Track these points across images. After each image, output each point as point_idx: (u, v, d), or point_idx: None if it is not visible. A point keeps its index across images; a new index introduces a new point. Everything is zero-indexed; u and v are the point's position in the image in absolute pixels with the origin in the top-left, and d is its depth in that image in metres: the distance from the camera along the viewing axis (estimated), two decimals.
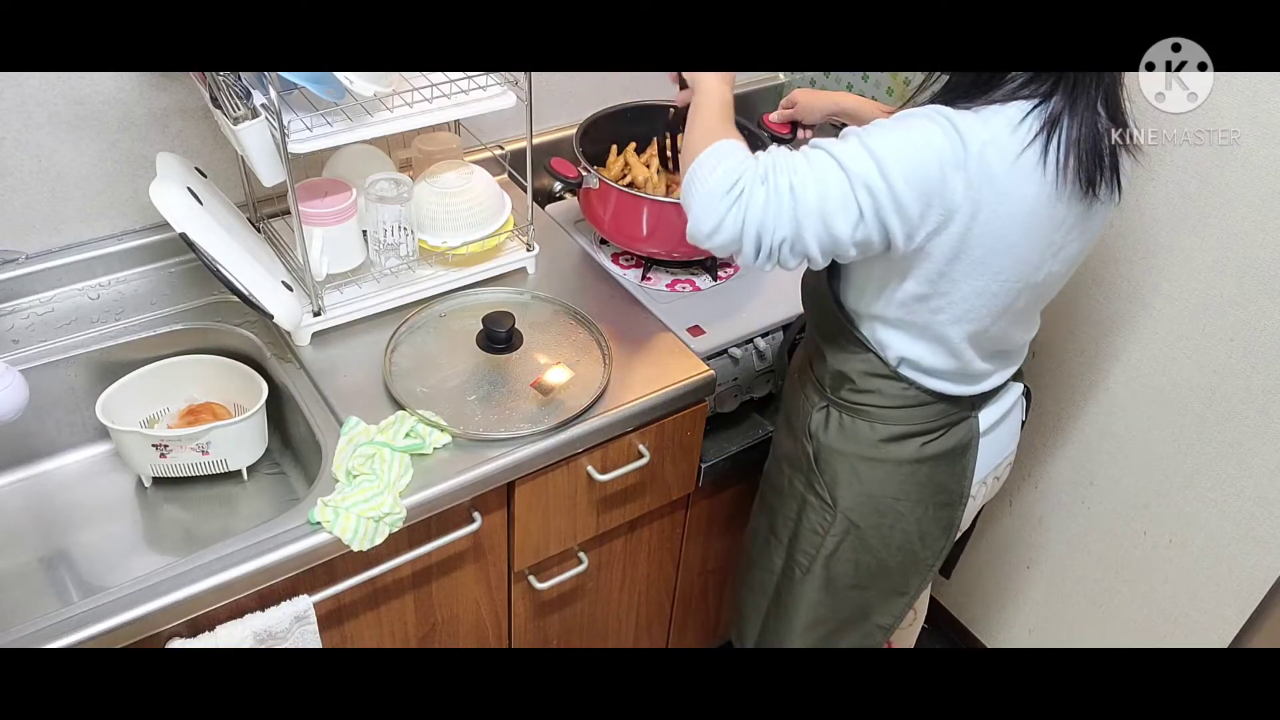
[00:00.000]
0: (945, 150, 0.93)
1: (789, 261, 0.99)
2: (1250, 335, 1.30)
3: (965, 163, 0.93)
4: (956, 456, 1.18)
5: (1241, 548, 1.41)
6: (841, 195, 0.95)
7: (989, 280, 1.01)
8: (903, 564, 1.24)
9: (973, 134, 0.93)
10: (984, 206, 0.95)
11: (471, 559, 1.26)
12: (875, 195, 0.94)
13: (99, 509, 1.25)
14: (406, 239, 1.30)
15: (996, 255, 0.99)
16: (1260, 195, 1.23)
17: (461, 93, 1.22)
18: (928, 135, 0.93)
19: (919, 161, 0.93)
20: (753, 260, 0.99)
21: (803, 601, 1.28)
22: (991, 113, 0.94)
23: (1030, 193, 0.95)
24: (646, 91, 1.71)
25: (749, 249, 0.98)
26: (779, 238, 0.96)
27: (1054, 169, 0.94)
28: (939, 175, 0.93)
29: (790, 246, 0.97)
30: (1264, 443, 1.33)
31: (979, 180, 0.93)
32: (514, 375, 1.26)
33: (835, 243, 0.97)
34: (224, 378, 1.30)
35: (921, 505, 1.19)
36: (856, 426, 1.16)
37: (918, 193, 0.94)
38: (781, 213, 0.95)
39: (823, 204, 0.95)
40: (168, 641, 1.01)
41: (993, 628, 1.91)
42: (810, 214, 0.95)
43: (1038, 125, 0.94)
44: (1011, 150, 0.93)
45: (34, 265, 1.29)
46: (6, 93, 1.19)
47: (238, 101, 1.10)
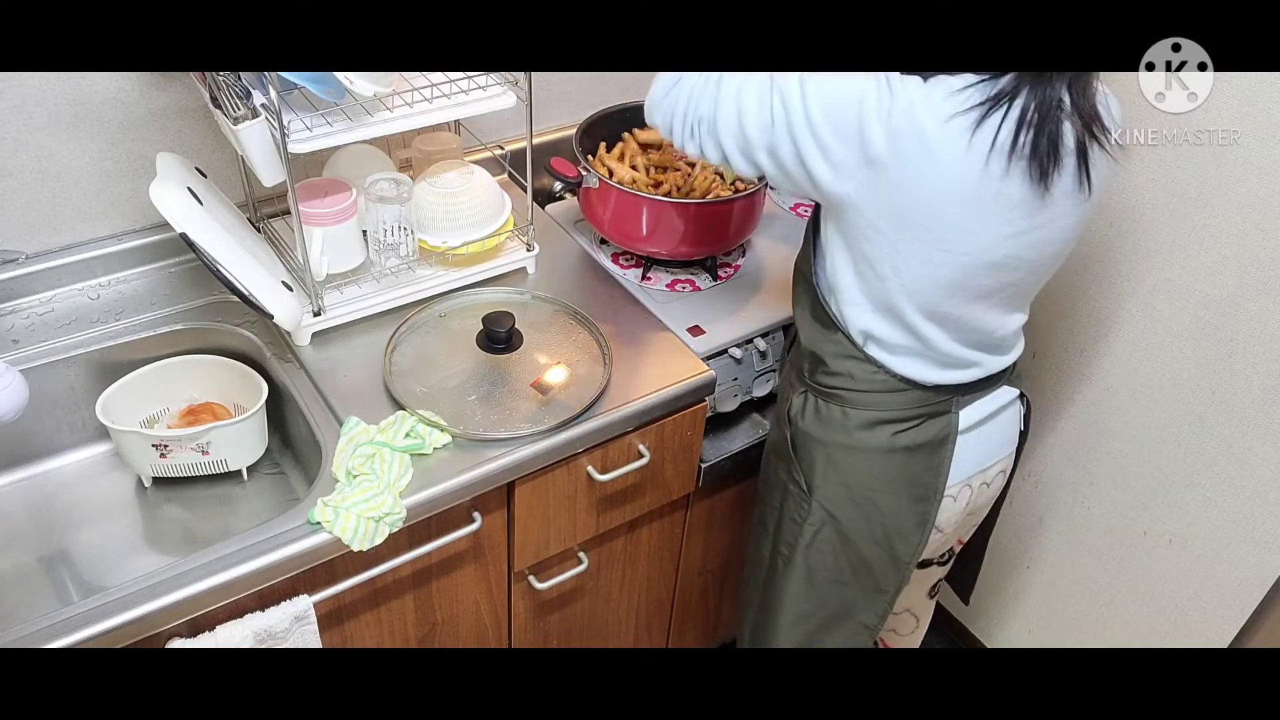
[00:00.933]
0: (870, 96, 0.96)
1: (709, 150, 1.06)
2: (1250, 335, 1.30)
3: (889, 112, 0.95)
4: (932, 450, 1.18)
5: (1241, 548, 1.41)
6: (759, 95, 1.00)
7: (931, 249, 1.02)
8: (881, 559, 1.24)
9: (903, 90, 0.96)
10: (910, 164, 0.97)
11: (471, 559, 1.26)
12: (789, 109, 0.99)
13: (99, 509, 1.25)
14: (406, 239, 1.30)
15: (935, 223, 1.00)
16: (1260, 195, 1.23)
17: (461, 93, 1.22)
18: (857, 80, 0.97)
19: (840, 95, 0.97)
20: (677, 140, 1.09)
21: (786, 595, 1.29)
22: (937, 80, 0.97)
23: (961, 159, 0.96)
24: (646, 91, 1.71)
25: (677, 126, 1.08)
26: (696, 116, 1.05)
27: (988, 143, 0.95)
28: (857, 115, 0.96)
29: (707, 129, 1.05)
30: (1264, 443, 1.33)
31: (904, 132, 0.95)
32: (514, 375, 1.26)
33: (747, 142, 1.03)
34: (224, 378, 1.30)
35: (896, 497, 1.20)
36: (831, 412, 1.18)
37: (832, 125, 0.98)
38: (704, 96, 1.04)
39: (740, 97, 1.01)
40: (168, 641, 1.01)
41: (993, 628, 1.91)
42: (728, 102, 1.02)
43: (978, 97, 0.95)
44: (943, 112, 0.95)
45: (34, 265, 1.29)
46: (6, 93, 1.19)
47: (238, 101, 1.10)
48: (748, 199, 1.44)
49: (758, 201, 1.47)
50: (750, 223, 1.49)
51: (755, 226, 1.51)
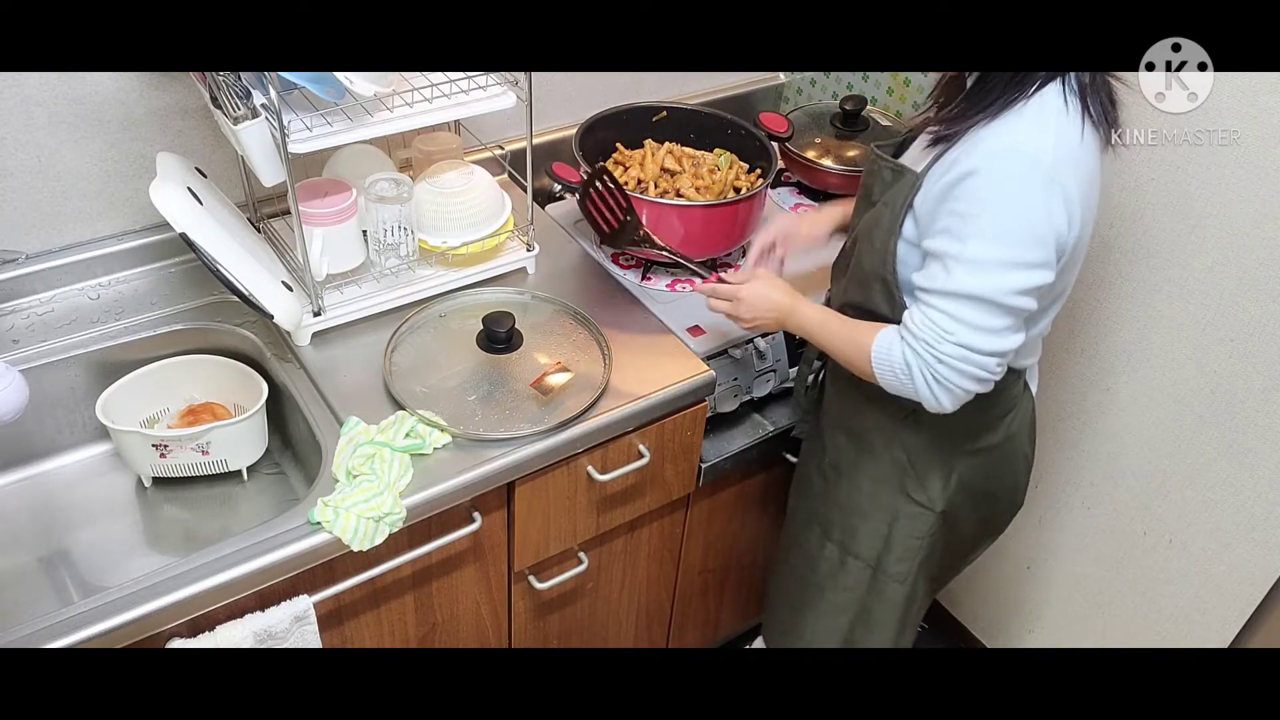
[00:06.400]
0: (1033, 189, 0.98)
1: (1003, 369, 1.07)
2: (1250, 335, 1.30)
3: (1052, 180, 0.98)
4: (1031, 423, 1.27)
5: (1241, 548, 1.41)
6: (988, 322, 1.02)
7: (1081, 254, 1.09)
8: (998, 519, 1.34)
9: (1041, 150, 0.97)
10: (1075, 197, 1.00)
11: (471, 559, 1.26)
12: (1017, 293, 1.01)
13: (99, 509, 1.25)
14: (406, 239, 1.30)
15: (1088, 226, 1.05)
16: (1260, 195, 1.23)
17: (461, 93, 1.22)
18: (1018, 197, 0.98)
19: (1023, 229, 0.99)
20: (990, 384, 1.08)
21: (897, 609, 1.31)
22: (1034, 111, 0.99)
23: (1092, 151, 1.02)
24: (646, 92, 1.72)
25: (971, 393, 1.08)
26: (987, 372, 1.04)
27: (1096, 128, 1.01)
28: (1045, 218, 0.98)
29: (998, 363, 1.05)
30: (1264, 443, 1.33)
31: (1066, 179, 0.98)
32: (514, 375, 1.26)
33: (1016, 331, 1.04)
34: (224, 378, 1.30)
35: (1013, 475, 1.28)
36: (945, 422, 1.15)
37: (1041, 249, 1.00)
38: (966, 369, 1.04)
39: (983, 340, 1.02)
40: (168, 641, 1.01)
41: (993, 628, 1.91)
42: (978, 351, 1.03)
43: (1075, 99, 0.99)
44: (1073, 135, 0.99)
45: (34, 265, 1.29)
46: (6, 93, 1.19)
47: (238, 101, 1.10)
48: (747, 201, 1.44)
49: (757, 203, 1.47)
50: (750, 224, 1.49)
51: (755, 228, 1.51)
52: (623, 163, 1.54)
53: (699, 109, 1.61)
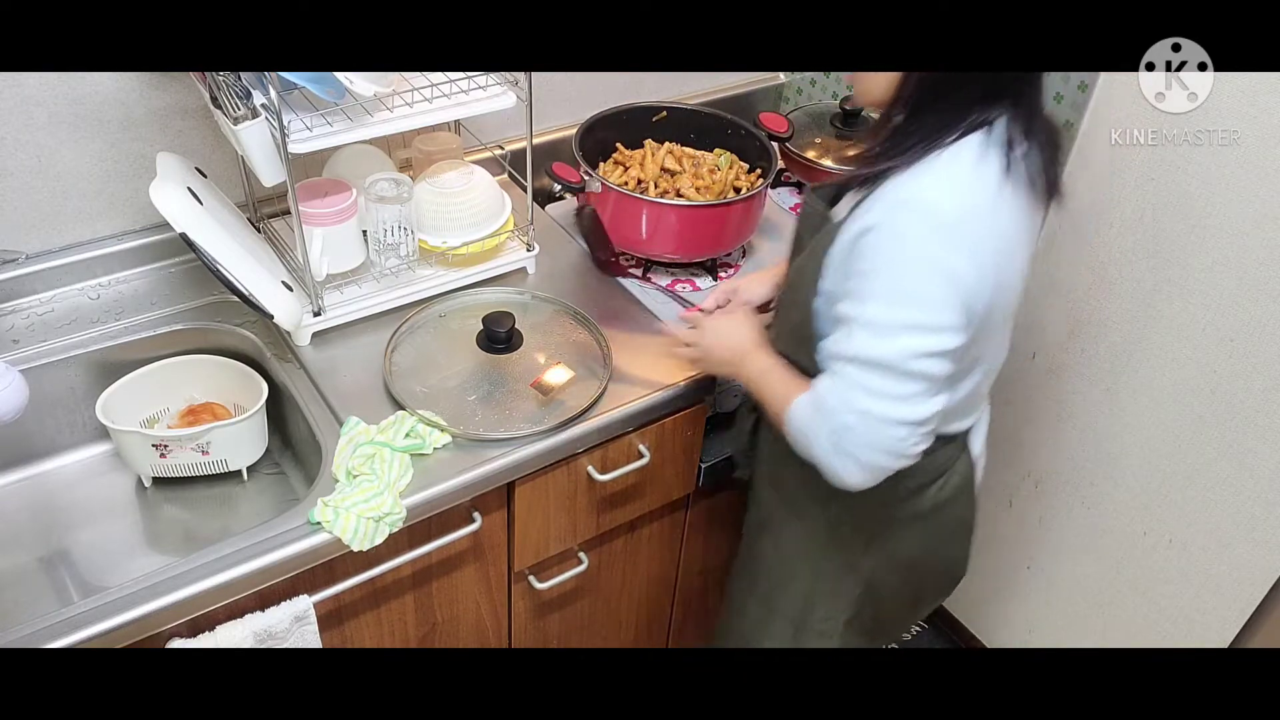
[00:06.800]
0: (932, 246, 0.91)
1: (922, 439, 0.98)
2: (1250, 335, 1.30)
3: (955, 235, 0.91)
4: (967, 490, 1.19)
5: (1241, 548, 1.41)
6: (891, 389, 0.94)
7: (1007, 315, 1.03)
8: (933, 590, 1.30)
9: (941, 203, 0.91)
10: (1001, 252, 0.95)
11: (471, 559, 1.26)
12: (920, 357, 0.93)
13: (99, 509, 1.25)
14: (406, 239, 1.30)
15: (1010, 290, 1.00)
16: (1260, 195, 1.23)
17: (461, 93, 1.22)
18: (916, 254, 0.91)
19: (923, 289, 0.92)
20: (896, 465, 0.99)
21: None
22: (945, 163, 0.93)
23: (1010, 204, 0.95)
24: (646, 92, 1.72)
25: (884, 467, 0.99)
26: (898, 442, 0.96)
27: (1003, 173, 0.94)
28: (946, 277, 0.91)
29: (910, 432, 0.96)
30: (1264, 443, 1.33)
31: (975, 235, 0.93)
32: (514, 375, 1.26)
33: (928, 396, 0.96)
34: (224, 378, 1.30)
35: (944, 545, 1.22)
36: (868, 489, 1.04)
37: (945, 310, 0.92)
38: (872, 440, 0.96)
39: (887, 409, 0.94)
40: (168, 641, 1.01)
41: (993, 628, 1.91)
42: (883, 420, 0.95)
43: (999, 153, 0.93)
44: (987, 190, 0.93)
45: (34, 265, 1.29)
46: (6, 93, 1.19)
47: (238, 101, 1.10)
48: (747, 201, 1.44)
49: (757, 203, 1.47)
50: (750, 225, 1.49)
51: (755, 228, 1.51)
52: (623, 163, 1.54)
53: (699, 109, 1.61)
